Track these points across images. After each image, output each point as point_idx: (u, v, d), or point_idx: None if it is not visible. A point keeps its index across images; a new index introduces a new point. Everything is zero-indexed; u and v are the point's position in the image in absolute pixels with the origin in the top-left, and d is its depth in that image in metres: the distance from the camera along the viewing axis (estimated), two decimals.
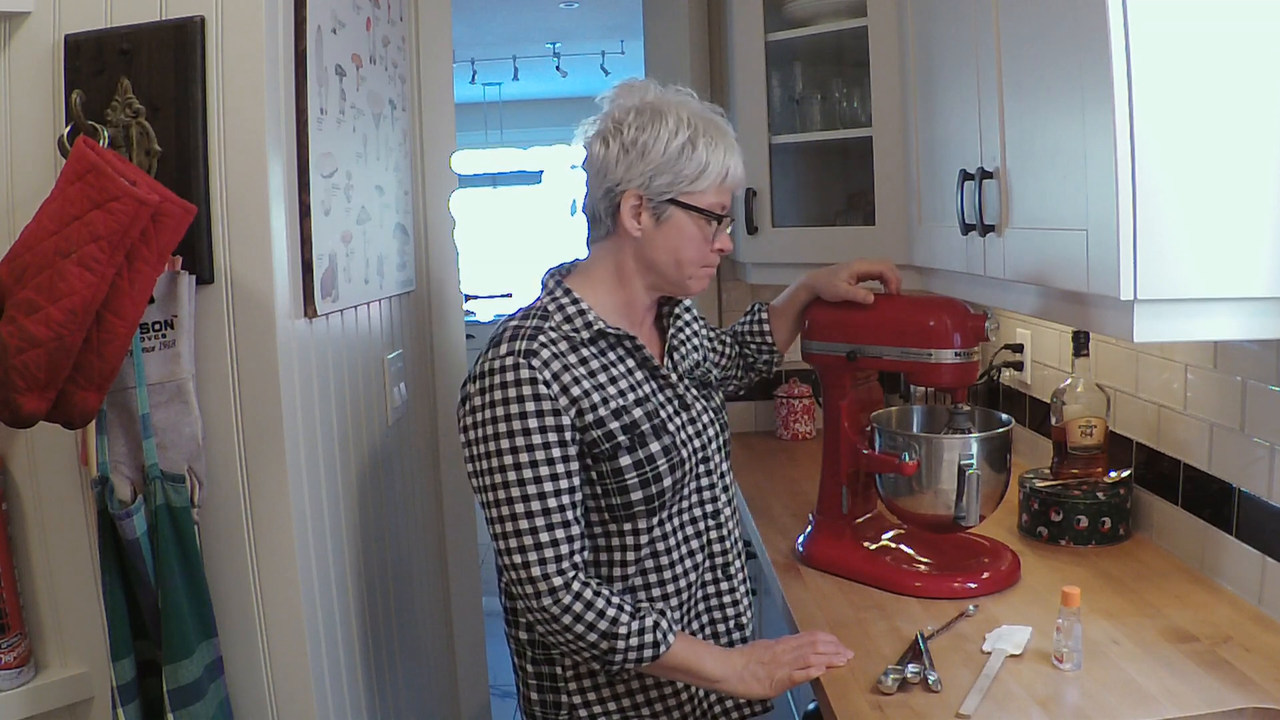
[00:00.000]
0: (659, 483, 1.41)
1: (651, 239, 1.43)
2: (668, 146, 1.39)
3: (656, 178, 1.39)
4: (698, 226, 1.42)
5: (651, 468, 1.40)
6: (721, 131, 1.44)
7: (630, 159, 1.40)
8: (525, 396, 1.34)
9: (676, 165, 1.39)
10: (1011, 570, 1.66)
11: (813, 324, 1.77)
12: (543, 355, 1.36)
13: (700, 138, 1.40)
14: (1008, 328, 2.41)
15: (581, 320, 1.42)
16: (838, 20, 2.25)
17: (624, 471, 1.39)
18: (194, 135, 1.40)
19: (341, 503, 1.72)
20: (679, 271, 1.45)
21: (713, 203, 1.43)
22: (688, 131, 1.39)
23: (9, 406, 1.26)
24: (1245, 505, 1.53)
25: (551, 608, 1.34)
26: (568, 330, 1.41)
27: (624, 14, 5.00)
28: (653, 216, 1.42)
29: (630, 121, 1.41)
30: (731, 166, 1.43)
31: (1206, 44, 1.14)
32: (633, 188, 1.41)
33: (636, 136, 1.40)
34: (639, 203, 1.41)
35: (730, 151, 1.43)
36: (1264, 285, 1.17)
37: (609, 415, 1.38)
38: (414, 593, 2.15)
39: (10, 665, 1.44)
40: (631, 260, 1.46)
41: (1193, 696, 1.26)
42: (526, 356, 1.35)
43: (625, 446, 1.39)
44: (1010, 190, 1.50)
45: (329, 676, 1.59)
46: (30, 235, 1.27)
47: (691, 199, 1.41)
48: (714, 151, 1.41)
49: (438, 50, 2.31)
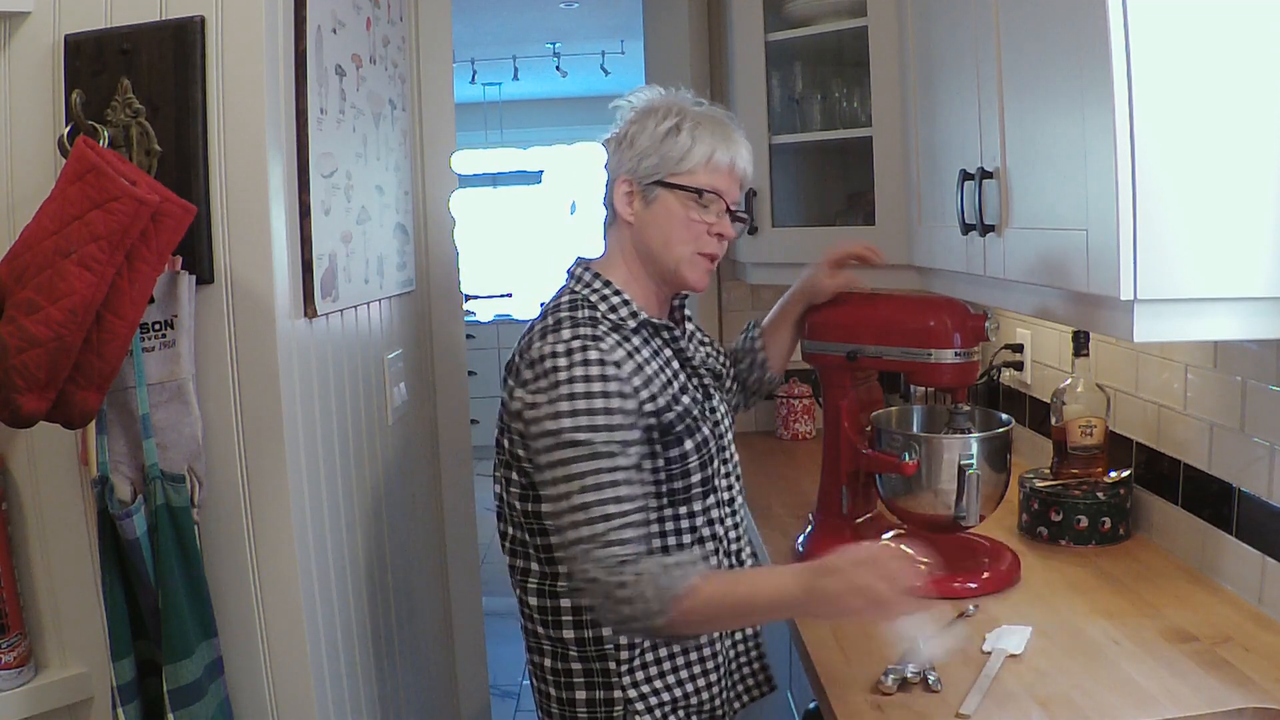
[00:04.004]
0: (712, 465, 1.47)
1: (643, 222, 1.47)
2: (654, 132, 1.44)
3: (643, 161, 1.44)
4: (684, 206, 1.44)
5: (706, 451, 1.45)
6: (717, 123, 1.46)
7: (621, 149, 1.47)
8: (592, 377, 1.34)
9: (661, 148, 1.43)
10: (1011, 570, 1.66)
11: (813, 324, 1.77)
12: (608, 341, 1.38)
13: (686, 123, 1.44)
14: (1008, 328, 2.41)
15: (627, 310, 1.45)
16: (838, 20, 2.25)
17: (688, 455, 1.42)
18: (194, 135, 1.40)
19: (341, 503, 1.72)
20: (669, 254, 1.46)
21: (704, 182, 1.44)
22: (674, 119, 1.44)
23: (9, 406, 1.26)
24: (1245, 505, 1.53)
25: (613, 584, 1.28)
26: (615, 320, 1.43)
27: (624, 14, 5.00)
28: (643, 200, 1.46)
29: (628, 117, 1.49)
30: (719, 150, 1.44)
31: (1206, 44, 1.14)
32: (623, 174, 1.46)
33: (626, 129, 1.47)
34: (630, 188, 1.46)
35: (723, 140, 1.45)
36: (1264, 285, 1.17)
37: (669, 401, 1.42)
38: (414, 593, 2.15)
39: (10, 665, 1.44)
40: (632, 248, 1.49)
41: (1193, 696, 1.26)
42: (594, 340, 1.36)
43: (687, 431, 1.43)
44: (1010, 190, 1.50)
45: (329, 676, 1.59)
46: (30, 235, 1.27)
47: (678, 178, 1.44)
48: (700, 135, 1.44)
49: (438, 50, 2.31)
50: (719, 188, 1.46)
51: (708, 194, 1.45)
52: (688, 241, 1.46)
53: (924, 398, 2.06)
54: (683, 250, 1.46)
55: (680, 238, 1.46)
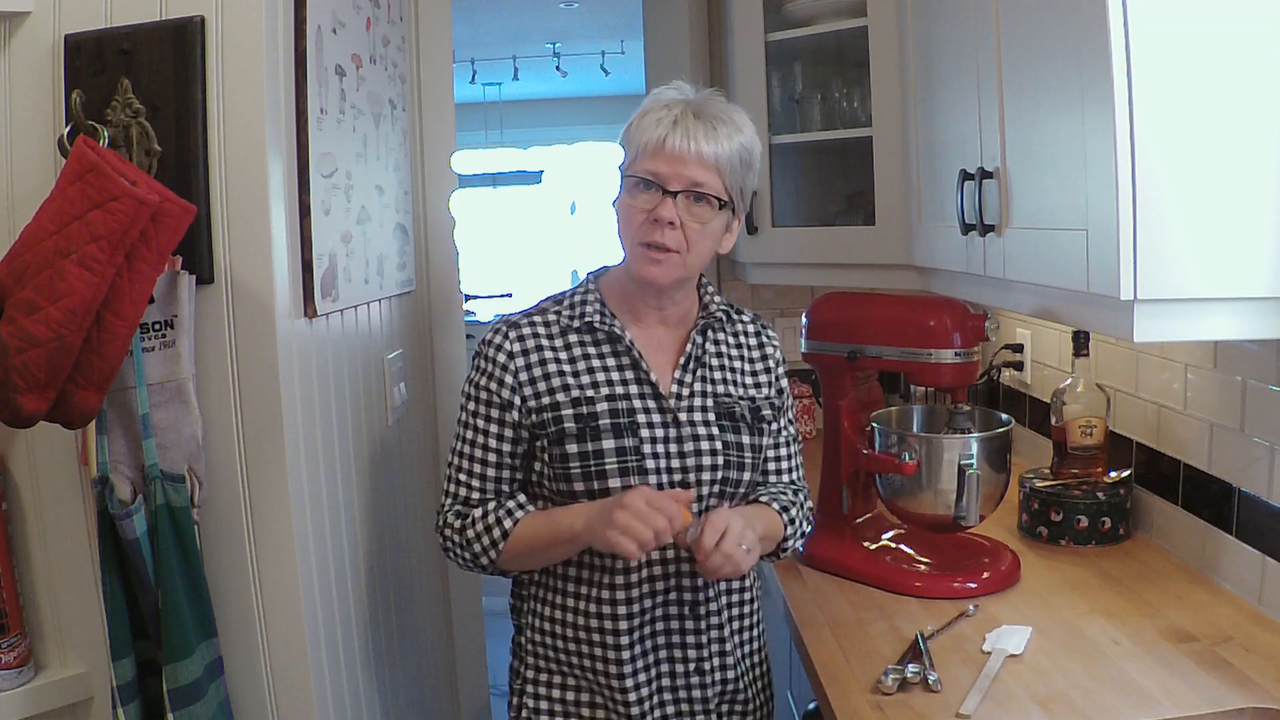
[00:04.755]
0: (603, 480, 1.39)
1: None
2: (628, 127, 1.44)
3: (624, 157, 1.46)
4: (628, 195, 1.42)
5: (598, 463, 1.39)
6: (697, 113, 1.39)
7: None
8: (482, 366, 1.47)
9: (627, 138, 1.44)
10: (1011, 570, 1.66)
11: (813, 324, 1.77)
12: (523, 330, 1.47)
13: (651, 114, 1.40)
14: (1008, 328, 2.41)
15: (580, 309, 1.48)
16: (838, 20, 2.25)
17: (569, 459, 1.40)
18: (194, 135, 1.40)
19: (341, 503, 1.72)
20: (625, 247, 1.45)
21: (639, 169, 1.40)
22: (638, 112, 1.43)
23: (9, 406, 1.26)
24: (1245, 505, 1.53)
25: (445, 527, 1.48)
26: (565, 318, 1.47)
27: (624, 14, 5.00)
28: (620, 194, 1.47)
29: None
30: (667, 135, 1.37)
31: (1206, 44, 1.14)
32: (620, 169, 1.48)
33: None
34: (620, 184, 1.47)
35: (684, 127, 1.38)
36: (1264, 285, 1.17)
37: (567, 401, 1.42)
38: (414, 592, 2.15)
39: (10, 665, 1.44)
40: None
41: (1193, 696, 1.26)
42: (508, 328, 1.47)
43: (573, 434, 1.40)
44: (1010, 190, 1.50)
45: (329, 676, 1.59)
46: (30, 235, 1.27)
47: (631, 167, 1.42)
48: (649, 120, 1.40)
49: (438, 50, 2.31)
50: (656, 171, 1.38)
51: (640, 179, 1.39)
52: (630, 231, 1.42)
53: (924, 398, 2.06)
54: (629, 244, 1.43)
55: (625, 229, 1.43)
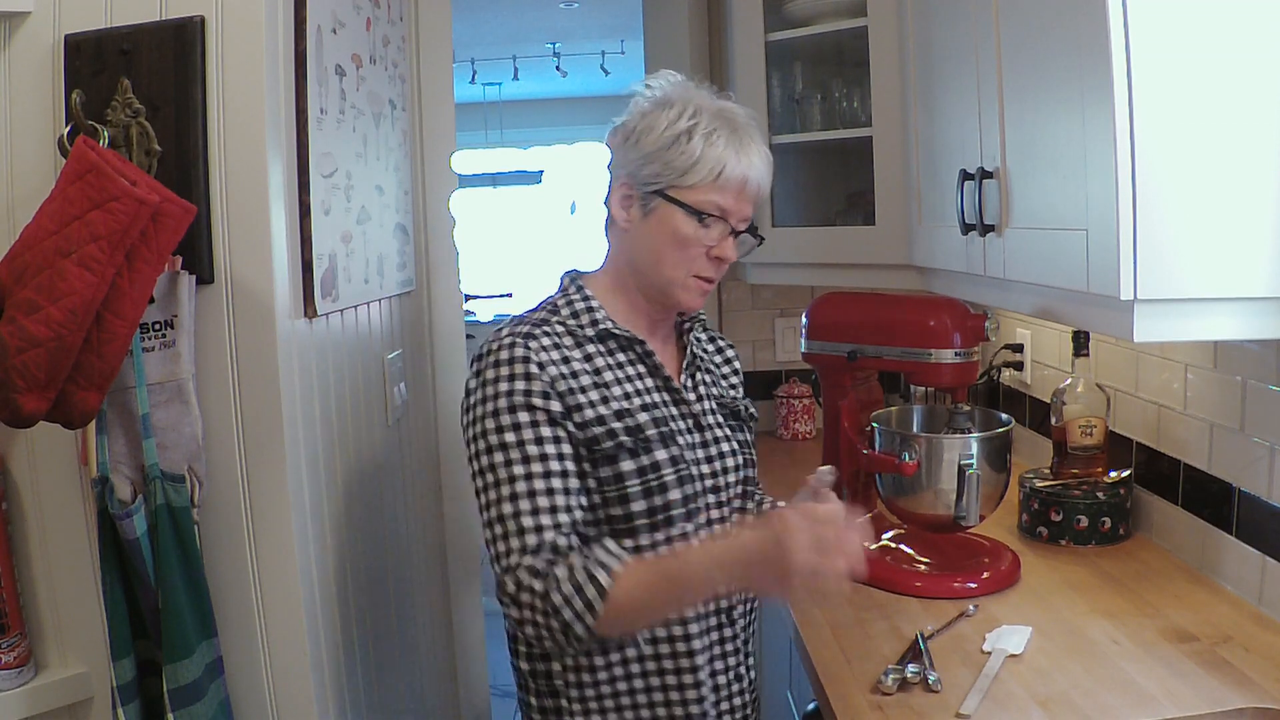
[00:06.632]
0: (664, 494, 1.30)
1: (637, 233, 1.35)
2: (662, 134, 1.31)
3: (645, 166, 1.32)
4: (684, 225, 1.32)
5: (656, 476, 1.30)
6: (733, 129, 1.33)
7: (626, 146, 1.35)
8: (517, 375, 1.28)
9: (667, 155, 1.31)
10: (1011, 570, 1.66)
11: (813, 324, 1.77)
12: (542, 341, 1.31)
13: (700, 130, 1.30)
14: (1008, 328, 2.41)
15: (589, 317, 1.36)
16: (838, 20, 2.25)
17: (625, 477, 1.29)
18: (194, 135, 1.40)
19: (342, 503, 1.72)
20: (658, 273, 1.35)
21: (704, 200, 1.31)
22: (688, 122, 1.31)
23: (9, 406, 1.26)
24: (1245, 505, 1.53)
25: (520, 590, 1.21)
26: (573, 326, 1.35)
27: (624, 14, 5.00)
28: (640, 208, 1.34)
29: (639, 110, 1.36)
30: (730, 164, 1.31)
31: (1206, 45, 1.14)
32: (623, 175, 1.35)
33: (636, 123, 1.34)
34: (629, 192, 1.35)
35: (731, 148, 1.31)
36: (1264, 285, 1.17)
37: (611, 415, 1.30)
38: (414, 592, 2.15)
39: (10, 665, 1.44)
40: (623, 256, 1.39)
41: (1193, 696, 1.26)
42: (525, 339, 1.30)
43: (628, 449, 1.29)
44: (1010, 190, 1.50)
45: (329, 676, 1.59)
46: (30, 235, 1.27)
47: (680, 193, 1.31)
48: (712, 146, 1.30)
49: (438, 50, 2.31)
50: (725, 207, 1.32)
51: (710, 216, 1.32)
52: (681, 264, 1.34)
53: (924, 398, 2.06)
54: (674, 272, 1.35)
55: (673, 259, 1.34)
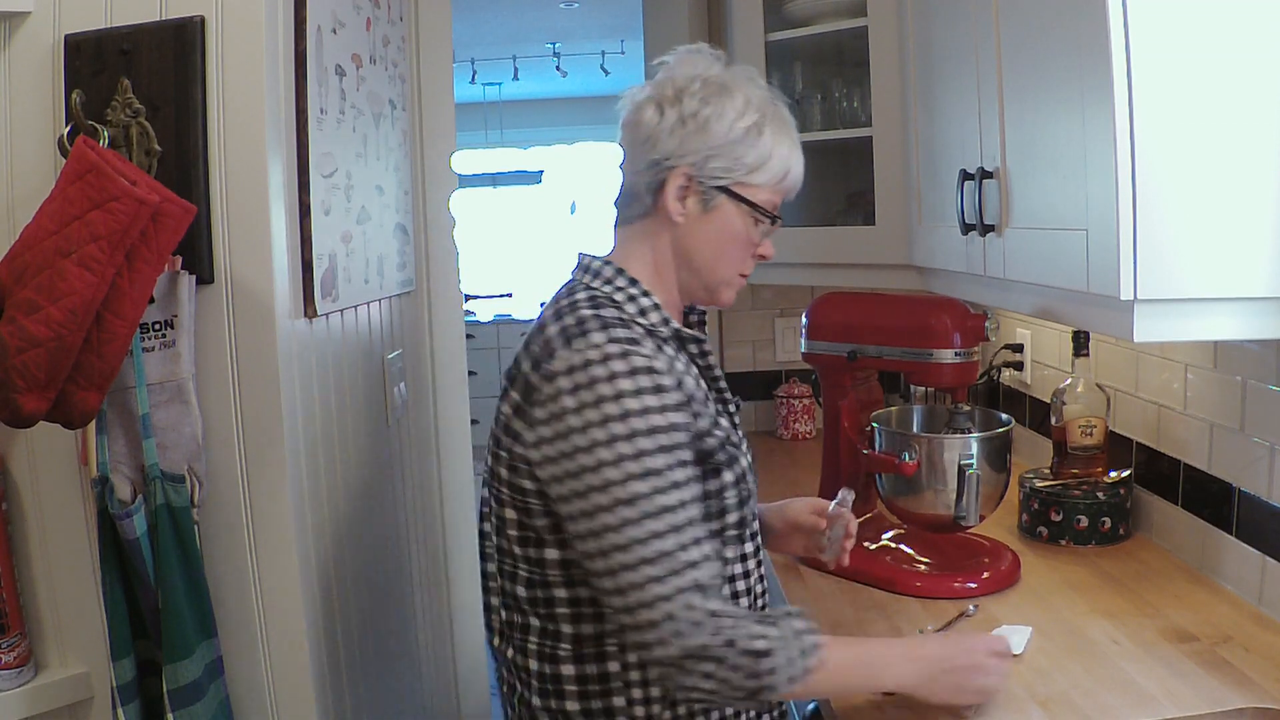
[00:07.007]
0: (750, 504, 1.26)
1: (694, 228, 1.26)
2: (732, 126, 1.22)
3: (713, 159, 1.22)
4: (745, 224, 1.26)
5: (744, 487, 1.24)
6: (788, 126, 1.28)
7: (687, 132, 1.22)
8: (644, 389, 1.11)
9: (738, 150, 1.22)
10: (1011, 570, 1.66)
11: (813, 324, 1.77)
12: (647, 345, 1.16)
13: (768, 125, 1.24)
14: (1008, 328, 2.41)
15: (658, 315, 1.24)
16: (838, 20, 2.25)
17: (726, 489, 1.21)
18: (194, 135, 1.40)
19: (342, 503, 1.72)
20: (714, 272, 1.28)
21: (766, 200, 1.26)
22: (755, 115, 1.23)
23: (9, 406, 1.26)
24: (1245, 505, 1.53)
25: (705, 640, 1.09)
26: (646, 325, 1.22)
27: (624, 14, 5.00)
28: (700, 202, 1.24)
29: (695, 91, 1.23)
30: (794, 165, 1.27)
31: (1206, 45, 1.14)
32: (684, 165, 1.23)
33: (699, 109, 1.22)
34: (688, 183, 1.24)
35: (795, 149, 1.27)
36: (1264, 285, 1.17)
37: (709, 423, 1.21)
38: (414, 592, 2.15)
39: (10, 665, 1.44)
40: (669, 250, 1.28)
41: (1193, 696, 1.26)
42: (632, 344, 1.14)
43: (724, 460, 1.21)
44: (1010, 190, 1.50)
45: (329, 676, 1.59)
46: (30, 235, 1.27)
47: (746, 191, 1.24)
48: (780, 144, 1.25)
49: (438, 50, 2.31)
50: (777, 204, 1.28)
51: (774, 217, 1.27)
52: (735, 263, 1.28)
53: (924, 398, 2.06)
54: (729, 271, 1.29)
55: (731, 257, 1.28)
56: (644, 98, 1.27)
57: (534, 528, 1.20)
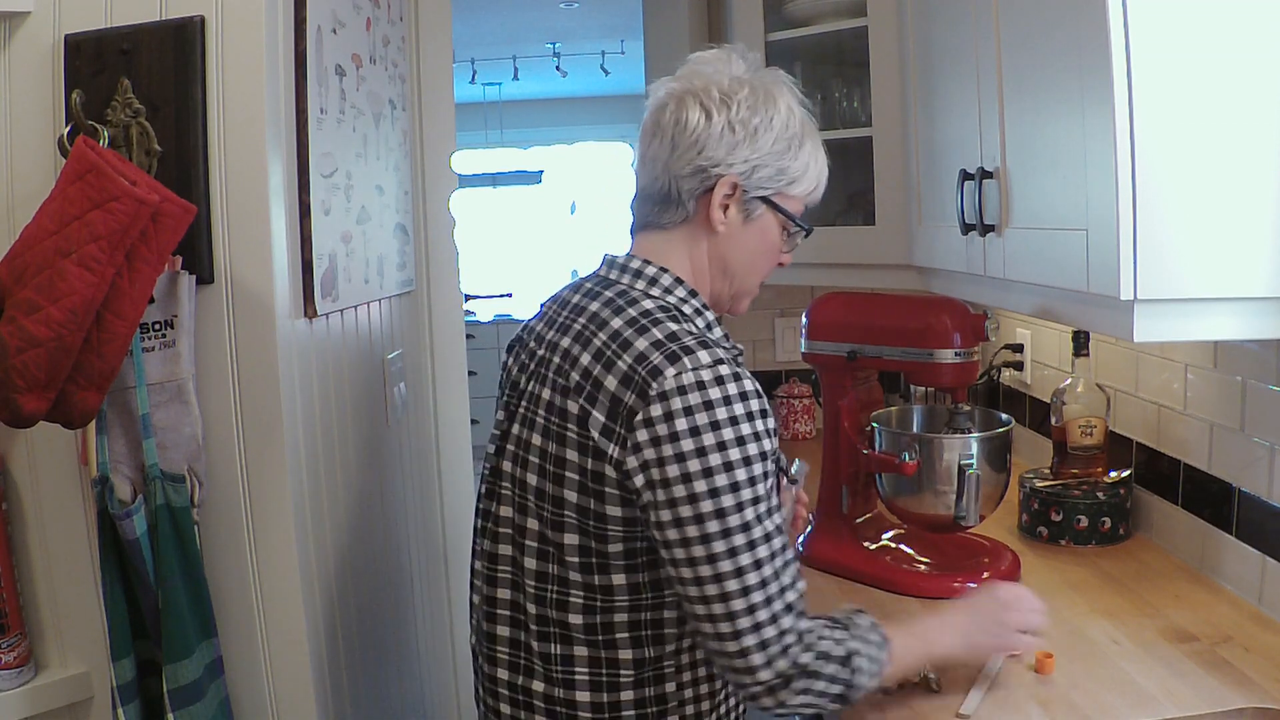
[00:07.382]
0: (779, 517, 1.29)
1: (734, 237, 1.23)
2: (779, 137, 1.21)
3: (760, 169, 1.21)
4: (779, 234, 1.26)
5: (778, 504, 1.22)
6: (818, 135, 1.28)
7: (737, 140, 1.19)
8: (755, 413, 1.10)
9: (783, 160, 1.21)
10: (1011, 570, 1.66)
11: (813, 324, 1.77)
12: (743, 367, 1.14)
13: (808, 136, 1.24)
14: (1008, 328, 2.41)
15: (721, 332, 1.23)
16: (838, 20, 2.25)
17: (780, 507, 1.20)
18: (194, 135, 1.40)
19: (341, 503, 1.72)
20: (745, 282, 1.27)
21: (798, 210, 1.26)
22: (797, 126, 1.23)
23: (9, 406, 1.26)
24: (1245, 505, 1.53)
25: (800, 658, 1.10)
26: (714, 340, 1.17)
27: (624, 14, 5.00)
28: (742, 212, 1.22)
29: (742, 99, 1.20)
30: (824, 177, 1.27)
31: (1206, 45, 1.14)
32: (733, 174, 1.20)
33: (749, 117, 1.20)
34: (733, 192, 1.21)
35: (824, 159, 1.28)
36: (1264, 285, 1.17)
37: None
38: (414, 592, 2.15)
39: (10, 665, 1.44)
40: (705, 257, 1.25)
41: (1193, 696, 1.26)
42: (736, 364, 1.12)
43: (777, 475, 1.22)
44: (1010, 190, 1.50)
45: (329, 676, 1.59)
46: (30, 235, 1.27)
47: (784, 201, 1.24)
48: (816, 156, 1.25)
49: (438, 50, 2.31)
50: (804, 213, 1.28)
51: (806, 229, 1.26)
52: (765, 273, 1.28)
53: (924, 398, 2.06)
54: (755, 281, 1.28)
55: (763, 267, 1.27)
56: (684, 95, 1.22)
57: (605, 553, 1.15)
